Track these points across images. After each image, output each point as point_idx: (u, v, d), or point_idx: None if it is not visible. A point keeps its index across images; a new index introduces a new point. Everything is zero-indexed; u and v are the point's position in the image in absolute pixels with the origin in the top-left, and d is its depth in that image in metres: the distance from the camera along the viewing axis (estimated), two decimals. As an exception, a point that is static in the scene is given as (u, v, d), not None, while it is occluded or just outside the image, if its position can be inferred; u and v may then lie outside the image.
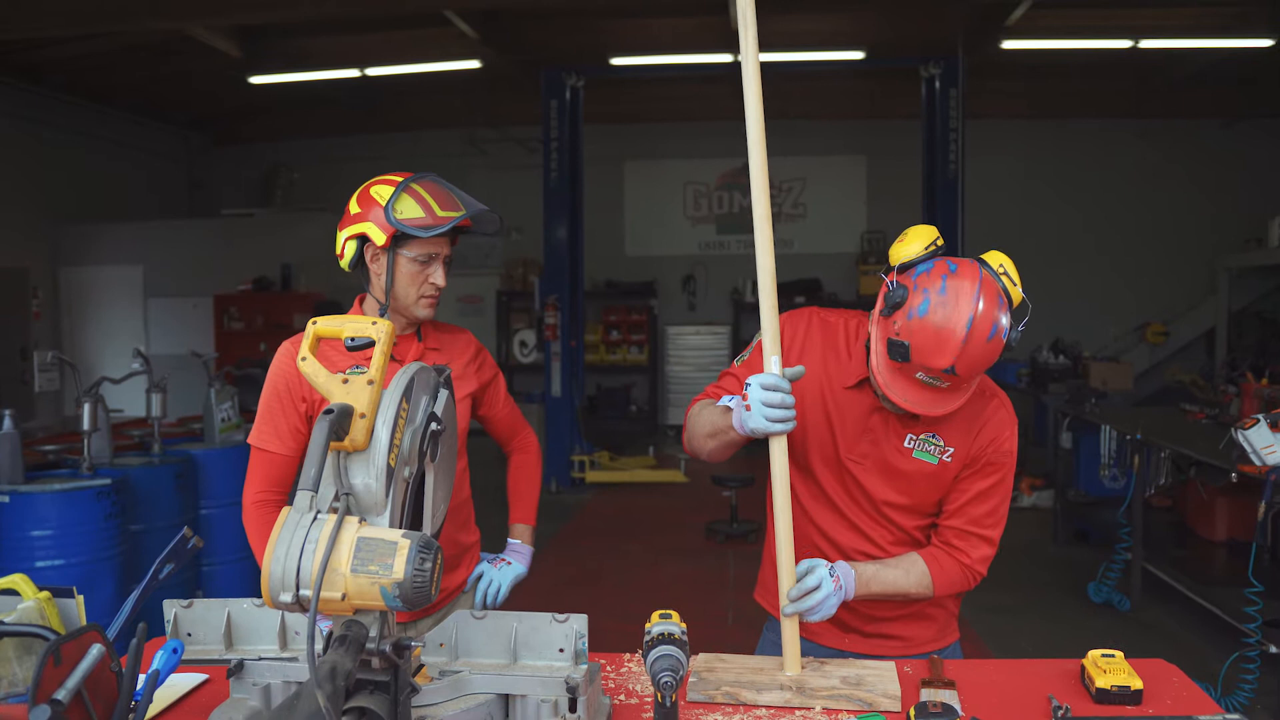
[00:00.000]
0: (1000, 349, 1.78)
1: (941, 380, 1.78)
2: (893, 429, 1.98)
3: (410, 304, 2.19)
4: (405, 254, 2.14)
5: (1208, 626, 4.98)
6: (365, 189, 2.16)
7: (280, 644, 1.71)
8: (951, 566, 1.98)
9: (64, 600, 1.51)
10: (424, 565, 1.31)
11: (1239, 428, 3.77)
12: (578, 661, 1.61)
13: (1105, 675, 1.74)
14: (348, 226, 2.16)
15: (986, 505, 1.98)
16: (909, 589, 1.96)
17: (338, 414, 1.40)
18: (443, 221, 2.10)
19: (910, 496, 2.00)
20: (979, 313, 1.73)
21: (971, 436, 1.96)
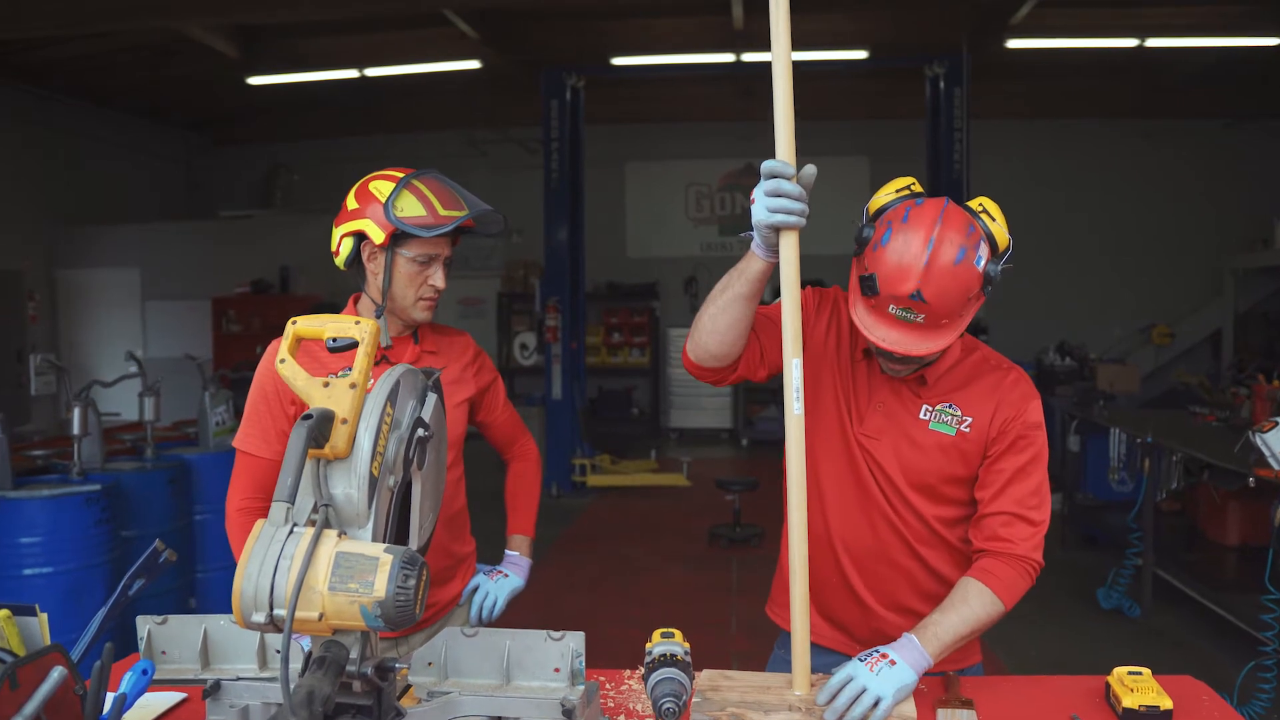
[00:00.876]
0: (974, 278, 1.71)
1: (913, 312, 1.71)
2: (907, 400, 1.89)
3: (408, 306, 2.09)
4: (404, 254, 2.04)
5: (1219, 633, 4.88)
6: (364, 184, 2.06)
7: (259, 663, 1.62)
8: (1005, 569, 1.82)
9: (25, 619, 1.41)
10: (407, 583, 1.22)
11: (1257, 431, 3.67)
12: (574, 681, 1.52)
13: (1133, 694, 1.65)
14: (345, 223, 2.06)
15: (1028, 484, 1.86)
16: (980, 617, 1.79)
17: (317, 419, 1.32)
18: (445, 221, 2.00)
19: (931, 473, 1.89)
20: (940, 236, 1.69)
21: (992, 407, 1.87)
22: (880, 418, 1.91)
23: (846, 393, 1.93)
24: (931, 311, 1.70)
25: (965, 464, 1.89)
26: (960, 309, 1.73)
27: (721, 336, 1.82)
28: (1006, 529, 1.84)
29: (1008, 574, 1.82)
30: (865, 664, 1.68)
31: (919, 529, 1.93)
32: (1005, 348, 7.84)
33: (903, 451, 1.90)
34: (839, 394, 1.93)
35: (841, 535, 1.96)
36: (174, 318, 10.65)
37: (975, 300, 1.74)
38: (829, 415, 1.93)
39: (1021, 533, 1.84)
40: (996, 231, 1.77)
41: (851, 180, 12.55)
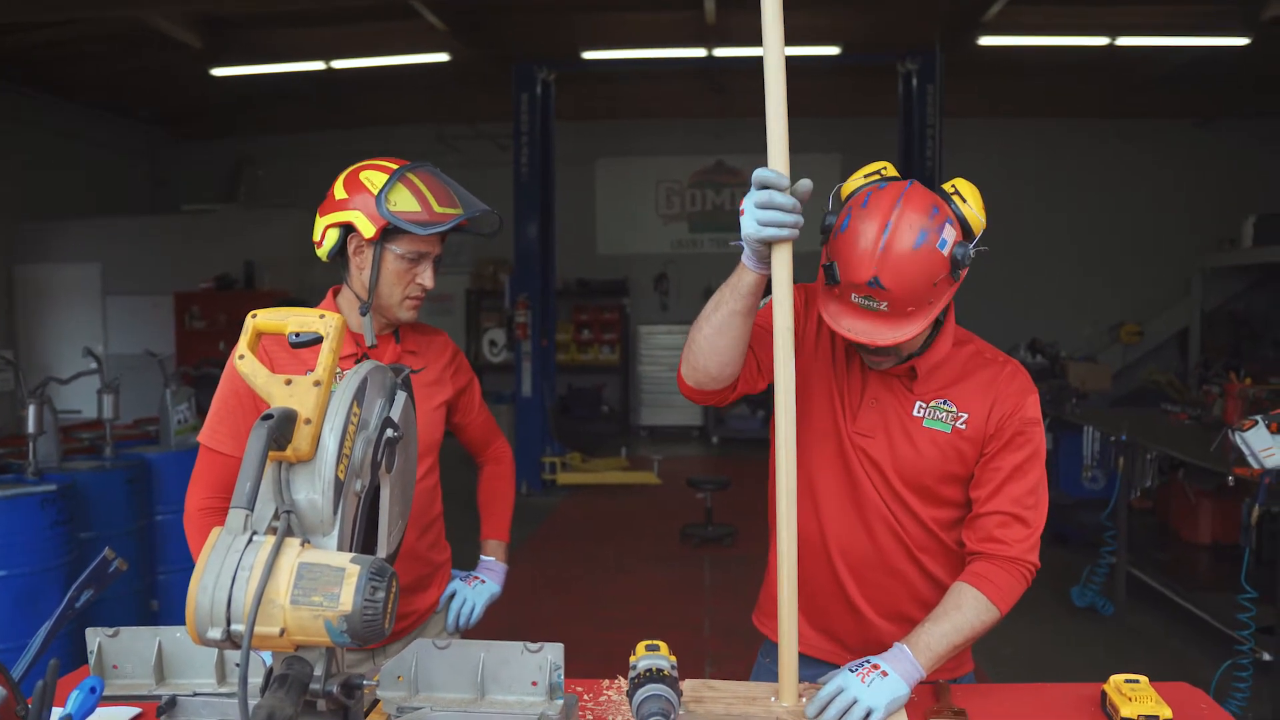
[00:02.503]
0: (938, 263, 1.63)
1: (875, 300, 1.64)
2: (900, 397, 1.83)
3: (393, 304, 2.00)
4: (394, 249, 1.94)
5: (1193, 631, 4.88)
6: (354, 173, 1.96)
7: (217, 678, 1.53)
8: (1000, 574, 1.76)
9: (-38, 634, 1.32)
10: (375, 595, 1.14)
11: (1236, 429, 3.65)
12: (553, 696, 1.45)
13: (1131, 704, 1.59)
14: (331, 213, 1.96)
15: (1025, 483, 1.79)
16: (973, 625, 1.73)
17: (278, 419, 1.23)
18: (440, 220, 1.91)
19: (926, 472, 1.82)
20: (897, 219, 1.62)
21: (988, 403, 1.80)
22: (874, 415, 1.84)
23: (840, 390, 1.87)
24: (893, 299, 1.63)
25: (962, 462, 1.82)
26: (925, 295, 1.65)
27: (721, 356, 1.73)
28: (1002, 530, 1.78)
29: (1003, 578, 1.76)
30: (856, 675, 1.62)
31: (917, 533, 1.87)
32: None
33: (898, 449, 1.83)
34: (831, 391, 1.87)
35: (837, 541, 1.89)
36: (136, 313, 10.44)
37: (944, 285, 1.66)
38: (821, 413, 1.87)
39: (1017, 534, 1.78)
40: (969, 214, 1.70)
41: (824, 178, 12.48)
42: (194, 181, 12.48)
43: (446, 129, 12.41)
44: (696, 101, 11.68)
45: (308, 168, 12.45)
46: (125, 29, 8.56)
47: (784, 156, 1.61)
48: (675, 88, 11.54)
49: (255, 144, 12.58)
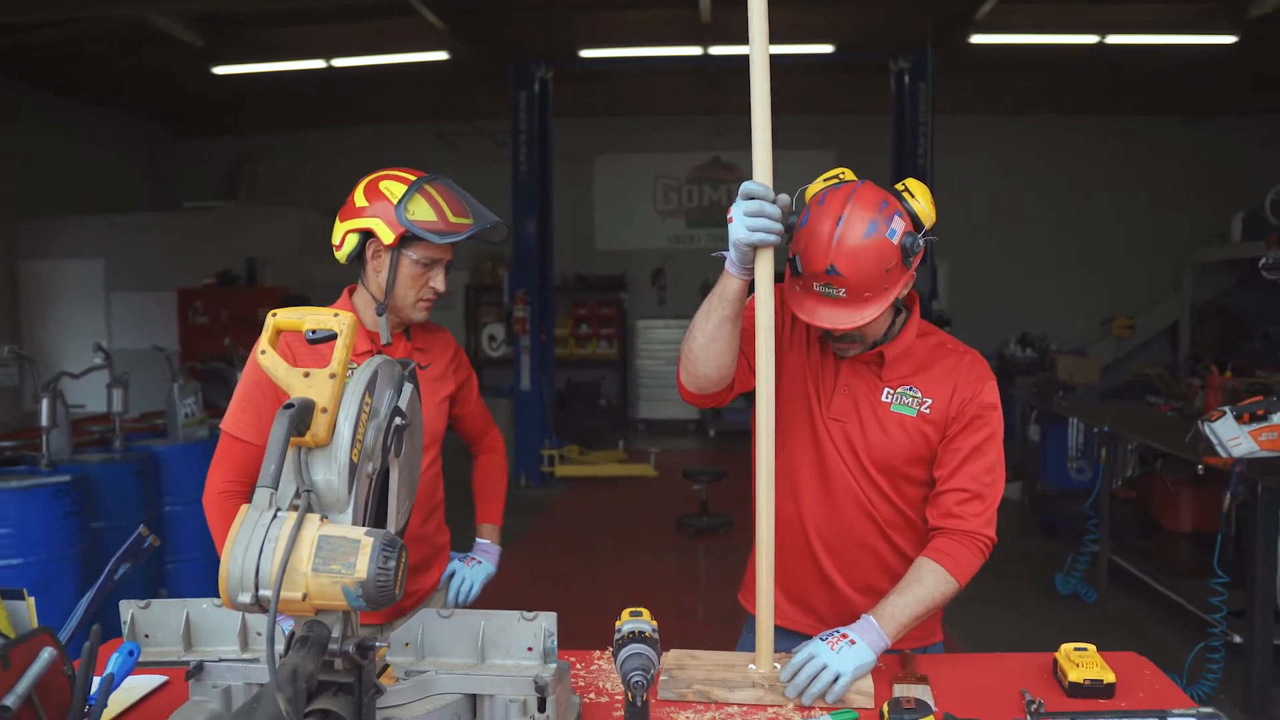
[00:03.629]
0: (888, 250, 1.78)
1: (834, 287, 1.79)
2: (870, 384, 1.97)
3: (407, 306, 2.15)
4: (410, 255, 2.09)
5: (1173, 617, 5.02)
6: (373, 182, 2.10)
7: (241, 645, 1.67)
8: (957, 548, 1.90)
9: (14, 602, 1.45)
10: (388, 564, 1.28)
11: (1205, 420, 3.79)
12: (547, 660, 1.58)
13: (1078, 669, 1.73)
14: (352, 219, 2.10)
15: (983, 462, 1.94)
16: (934, 596, 1.87)
17: (298, 408, 1.37)
18: (455, 229, 2.06)
19: (895, 454, 1.96)
20: (849, 213, 1.77)
21: (950, 388, 1.95)
22: (846, 400, 1.98)
23: (814, 378, 2.01)
24: (850, 285, 1.78)
25: (926, 444, 1.96)
26: (880, 281, 1.79)
27: (716, 360, 1.88)
28: (960, 506, 1.92)
29: (960, 552, 1.90)
30: (826, 643, 1.76)
31: (887, 511, 2.01)
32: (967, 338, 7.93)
33: (868, 432, 1.97)
34: (806, 379, 2.01)
35: (813, 519, 2.03)
36: (139, 309, 10.56)
37: (897, 271, 1.81)
38: (797, 399, 2.01)
39: (974, 509, 1.92)
40: (918, 208, 1.87)
41: (818, 173, 12.66)
42: (193, 178, 12.58)
43: (444, 126, 12.52)
44: (692, 98, 11.78)
45: (307, 165, 12.63)
46: (125, 27, 8.66)
47: (768, 171, 1.77)
48: (671, 84, 11.62)
49: (254, 141, 12.68)
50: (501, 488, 2.55)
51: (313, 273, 10.51)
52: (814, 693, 1.70)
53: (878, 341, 1.95)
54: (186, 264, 10.42)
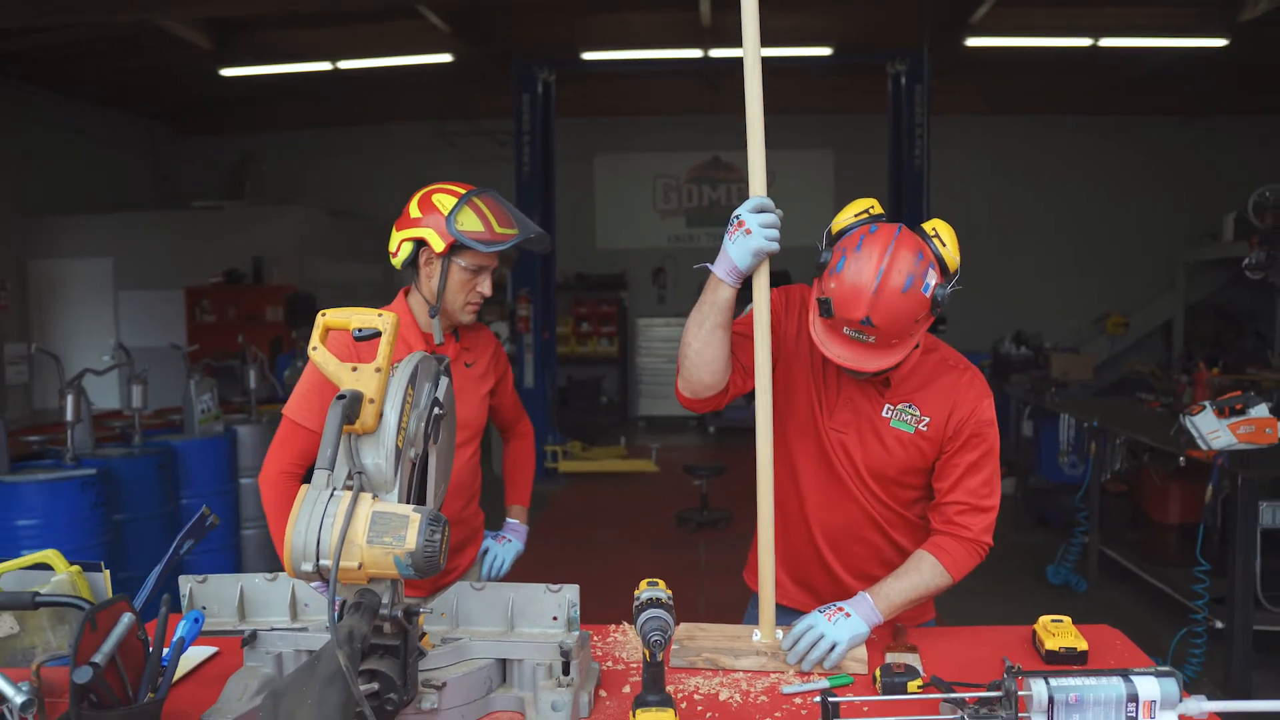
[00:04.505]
0: (921, 303, 1.87)
1: (864, 334, 1.88)
2: (871, 399, 2.09)
3: (457, 309, 2.32)
4: (459, 262, 2.27)
5: (1160, 605, 5.18)
6: (427, 195, 2.28)
7: (291, 616, 1.82)
8: (957, 548, 2.04)
9: (92, 574, 1.62)
10: (433, 536, 1.44)
11: (1187, 414, 3.95)
12: (570, 628, 1.74)
13: (1054, 638, 1.89)
14: (406, 229, 2.27)
15: (980, 476, 2.06)
16: (928, 585, 2.02)
17: (349, 399, 1.52)
18: (501, 239, 2.24)
19: (891, 465, 2.09)
20: (889, 266, 1.84)
21: (948, 407, 2.06)
22: (848, 413, 2.11)
23: (817, 388, 2.13)
24: (881, 334, 1.88)
25: (922, 458, 2.10)
26: (909, 330, 1.91)
27: (712, 368, 2.01)
28: (961, 517, 2.07)
29: (959, 552, 2.05)
30: (825, 615, 1.92)
31: (883, 510, 2.16)
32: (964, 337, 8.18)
33: (868, 444, 2.10)
34: (810, 389, 2.14)
35: (816, 515, 2.18)
36: (146, 307, 10.68)
37: (924, 321, 1.92)
38: (802, 408, 2.14)
39: (975, 521, 2.06)
40: (946, 256, 1.92)
41: (817, 173, 12.83)
42: (197, 178, 12.70)
43: (446, 125, 12.66)
44: (692, 98, 11.93)
45: (310, 164, 12.77)
46: (133, 30, 8.79)
47: (764, 185, 1.92)
48: (671, 85, 11.78)
49: (258, 140, 12.79)
50: (530, 472, 2.76)
51: (318, 271, 10.66)
52: (812, 659, 1.86)
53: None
54: (194, 263, 10.54)
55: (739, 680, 1.84)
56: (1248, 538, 4.10)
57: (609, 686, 1.80)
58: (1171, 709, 1.54)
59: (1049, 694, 1.54)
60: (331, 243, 11.23)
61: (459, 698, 1.64)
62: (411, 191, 2.33)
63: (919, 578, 2.02)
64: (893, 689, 1.72)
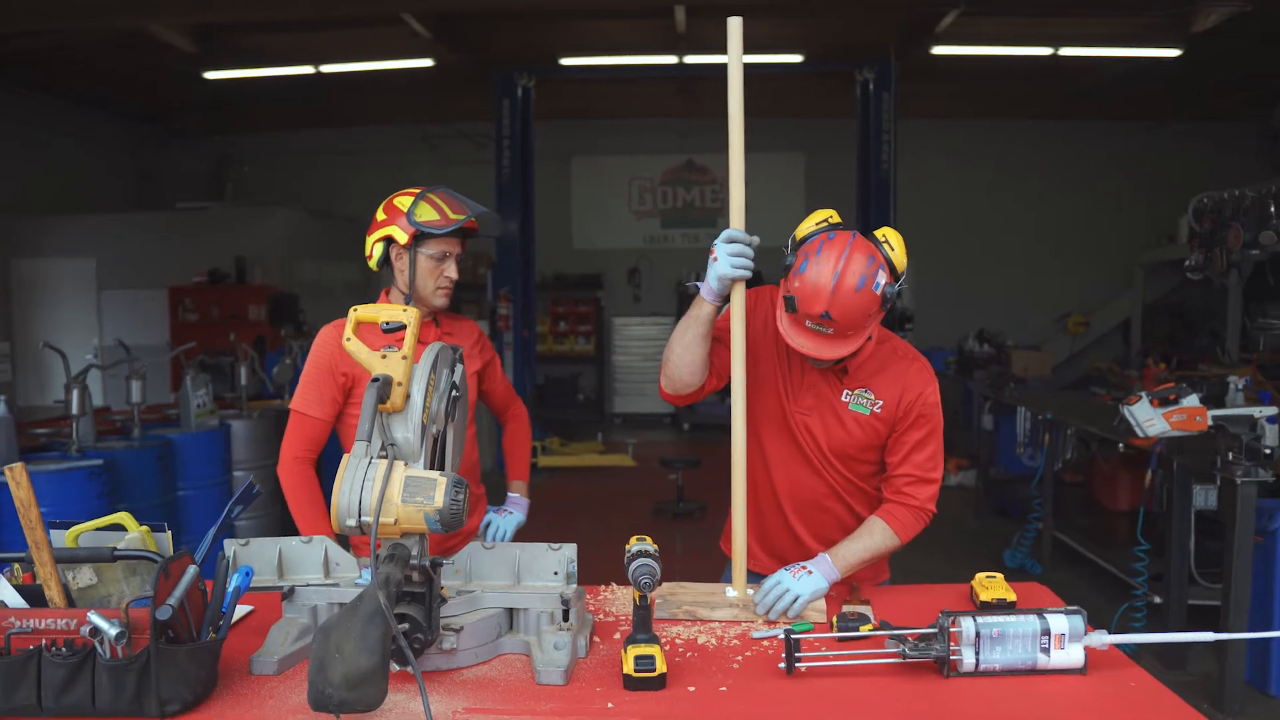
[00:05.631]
0: (873, 300, 2.15)
1: (824, 326, 2.16)
2: (832, 384, 2.38)
3: (429, 294, 2.59)
4: (424, 251, 2.55)
5: (1110, 586, 5.50)
6: (389, 201, 2.58)
7: (324, 573, 2.08)
8: (905, 514, 2.35)
9: (159, 534, 1.88)
10: (458, 496, 1.71)
11: (1125, 404, 4.26)
12: (569, 582, 2.01)
13: (987, 590, 2.18)
14: (375, 231, 2.57)
15: (926, 451, 2.37)
16: (879, 546, 2.32)
17: (382, 382, 1.79)
18: (453, 221, 2.53)
19: (850, 444, 2.38)
20: (844, 268, 2.13)
21: (898, 392, 2.35)
22: (811, 398, 2.40)
23: (784, 377, 2.42)
24: (838, 326, 2.16)
25: (877, 436, 2.40)
26: (863, 323, 2.18)
27: (691, 368, 2.30)
28: (909, 488, 2.38)
29: (907, 518, 2.36)
30: (789, 573, 2.20)
31: (843, 483, 2.45)
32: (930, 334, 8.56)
33: (829, 425, 2.40)
34: (777, 377, 2.43)
35: (784, 489, 2.47)
36: (130, 306, 10.82)
37: (876, 315, 2.21)
38: (770, 395, 2.43)
39: (922, 491, 2.38)
40: (895, 259, 2.22)
41: (788, 176, 13.13)
42: (180, 179, 12.84)
43: (426, 128, 12.87)
44: (666, 102, 12.18)
45: (291, 165, 12.94)
46: (118, 34, 8.92)
47: (742, 218, 2.20)
48: (646, 89, 12.00)
49: (240, 142, 12.95)
50: (527, 450, 3.02)
51: (301, 272, 10.85)
52: (778, 609, 2.14)
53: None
54: (177, 263, 10.69)
55: (715, 628, 2.12)
56: (1183, 519, 4.43)
57: (601, 634, 2.08)
58: (1078, 641, 1.84)
59: (976, 629, 1.84)
60: (313, 243, 11.42)
61: (474, 640, 1.90)
62: (391, 193, 2.62)
63: (871, 540, 2.32)
64: (846, 630, 2.00)
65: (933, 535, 6.15)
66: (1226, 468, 3.98)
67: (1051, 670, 1.84)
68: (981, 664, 1.83)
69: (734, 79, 2.19)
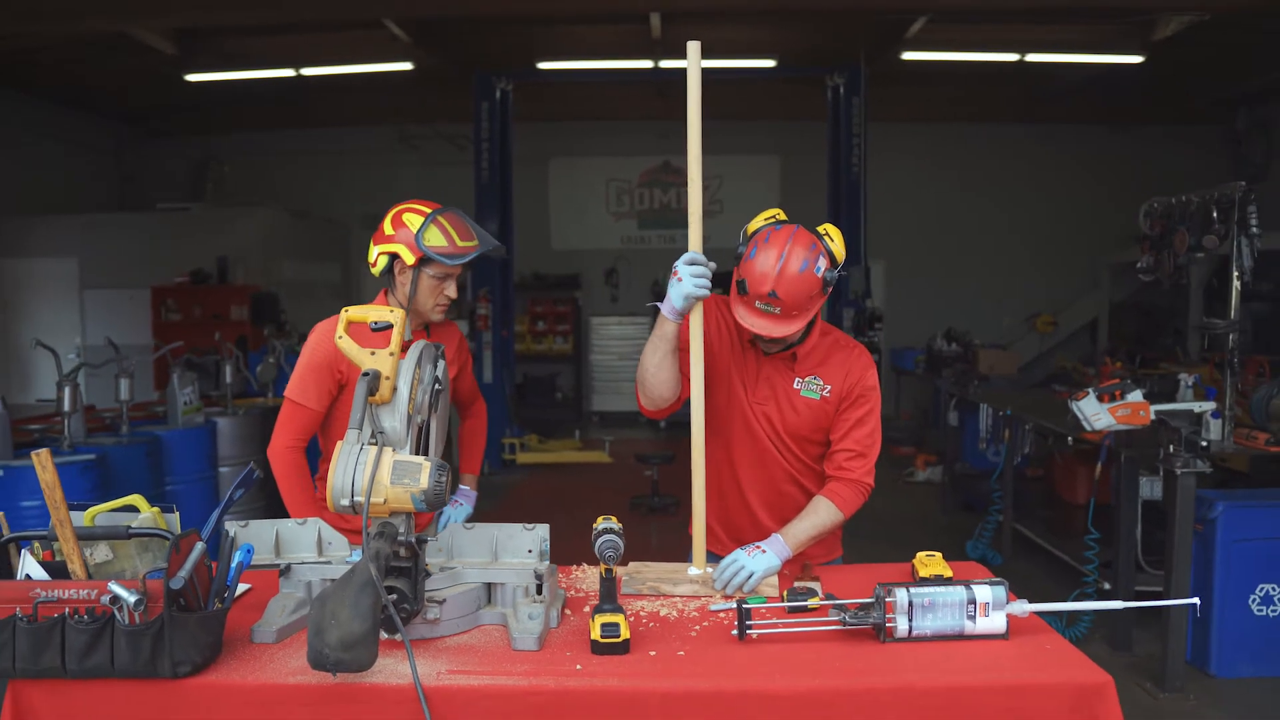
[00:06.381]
0: (814, 282, 2.39)
1: (772, 306, 2.39)
2: (784, 375, 2.61)
3: (428, 310, 2.75)
4: (428, 272, 2.69)
5: (1066, 575, 5.73)
6: (398, 213, 2.68)
7: (317, 552, 2.25)
8: (846, 490, 2.56)
9: (169, 515, 2.06)
10: (440, 479, 1.90)
11: (1073, 400, 4.49)
12: (542, 559, 2.20)
13: (926, 567, 2.37)
14: (382, 243, 2.68)
15: (864, 429, 2.60)
16: (826, 523, 2.53)
17: (372, 376, 1.97)
18: (462, 252, 2.66)
19: (803, 427, 2.61)
20: (788, 253, 2.38)
21: (842, 377, 2.59)
22: (766, 388, 2.63)
23: (740, 372, 2.64)
24: (784, 305, 2.39)
25: (826, 418, 2.62)
26: (806, 304, 2.42)
27: (666, 385, 2.51)
28: (849, 462, 2.59)
29: (848, 493, 2.57)
30: (745, 552, 2.40)
31: (797, 464, 2.67)
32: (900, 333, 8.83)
33: (784, 411, 2.62)
34: (734, 373, 2.65)
35: (745, 475, 2.68)
36: (111, 306, 10.92)
37: (818, 298, 2.44)
38: (731, 390, 2.64)
39: (859, 465, 2.59)
40: (835, 249, 2.46)
41: (764, 177, 13.35)
42: (161, 180, 12.92)
43: (406, 129, 13.01)
44: (643, 105, 12.36)
45: (272, 166, 13.06)
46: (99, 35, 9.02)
47: (700, 243, 2.41)
48: (623, 92, 12.18)
49: (220, 142, 13.04)
50: (481, 446, 3.20)
51: (282, 271, 10.98)
52: (734, 584, 2.34)
53: (792, 343, 2.59)
54: (159, 263, 10.81)
55: (676, 602, 2.31)
56: (1130, 509, 4.66)
57: (573, 607, 2.26)
58: (1001, 609, 2.05)
59: (909, 599, 2.04)
60: (294, 243, 11.55)
61: (455, 611, 2.08)
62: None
63: (817, 518, 2.54)
64: (795, 602, 2.19)
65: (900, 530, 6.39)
66: (1168, 460, 4.21)
67: (977, 635, 2.04)
68: (914, 630, 2.04)
69: (692, 102, 2.40)
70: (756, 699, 1.83)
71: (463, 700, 1.82)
